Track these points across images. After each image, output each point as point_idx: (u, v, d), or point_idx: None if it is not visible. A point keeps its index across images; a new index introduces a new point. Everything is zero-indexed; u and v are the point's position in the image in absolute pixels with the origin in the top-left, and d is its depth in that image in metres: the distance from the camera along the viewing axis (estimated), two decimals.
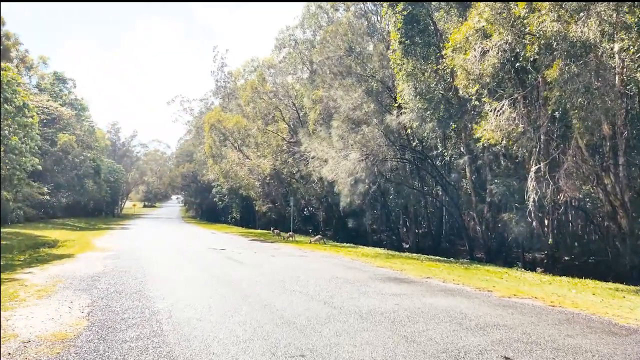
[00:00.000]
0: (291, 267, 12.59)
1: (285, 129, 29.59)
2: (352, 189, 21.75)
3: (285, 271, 11.66)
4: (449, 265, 15.38)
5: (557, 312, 7.48)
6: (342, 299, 7.99)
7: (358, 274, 11.49)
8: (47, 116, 39.83)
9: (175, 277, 10.53)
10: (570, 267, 18.72)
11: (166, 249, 18.11)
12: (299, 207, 36.81)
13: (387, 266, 13.67)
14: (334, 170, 19.89)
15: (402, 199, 24.84)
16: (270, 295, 8.27)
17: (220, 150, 30.71)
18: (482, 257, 21.47)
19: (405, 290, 9.11)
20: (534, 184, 12.89)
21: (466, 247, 25.99)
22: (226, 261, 13.95)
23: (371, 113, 19.59)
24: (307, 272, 11.63)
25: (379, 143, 19.07)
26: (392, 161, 19.43)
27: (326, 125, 24.47)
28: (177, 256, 15.48)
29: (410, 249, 25.79)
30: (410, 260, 16.68)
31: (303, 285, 9.46)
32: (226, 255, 15.68)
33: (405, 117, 17.53)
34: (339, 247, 21.67)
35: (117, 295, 7.99)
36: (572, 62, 10.29)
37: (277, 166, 29.64)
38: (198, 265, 12.67)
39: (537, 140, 12.60)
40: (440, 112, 17.26)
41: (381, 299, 8.09)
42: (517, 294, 9.10)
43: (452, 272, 12.99)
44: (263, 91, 27.86)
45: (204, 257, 15.05)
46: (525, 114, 12.70)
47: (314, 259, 15.16)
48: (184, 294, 8.23)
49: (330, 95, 21.72)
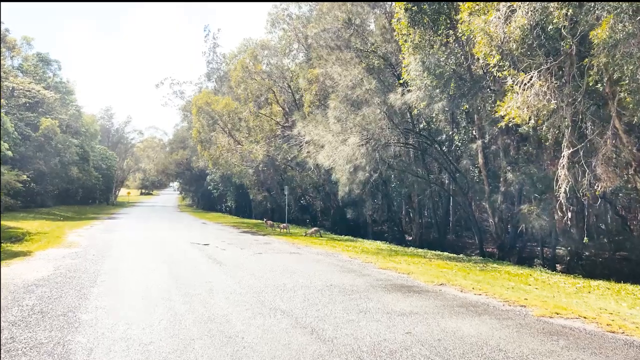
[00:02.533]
0: (279, 270, 10.64)
1: (280, 112, 27.39)
2: (351, 177, 19.74)
3: (270, 276, 9.72)
4: (461, 265, 13.45)
5: (624, 344, 5.55)
6: (336, 323, 6.05)
7: (357, 280, 9.55)
8: (29, 99, 37.60)
9: (131, 287, 8.58)
10: (594, 265, 16.84)
11: (142, 245, 16.18)
12: (295, 196, 34.84)
13: (391, 267, 11.74)
14: (331, 156, 17.84)
15: (406, 188, 22.85)
16: (242, 317, 6.32)
17: (209, 135, 28.54)
18: (493, 252, 19.57)
19: (416, 307, 7.17)
20: (566, 171, 10.87)
21: (474, 240, 24.09)
22: (204, 262, 12.00)
23: (372, 91, 17.41)
24: (296, 277, 9.69)
25: (381, 126, 16.97)
26: (395, 146, 17.37)
27: (322, 107, 22.37)
28: (150, 254, 13.54)
29: (414, 242, 23.92)
30: (416, 258, 14.75)
31: (288, 299, 7.51)
32: (207, 253, 13.74)
33: (411, 96, 15.39)
34: (336, 241, 19.75)
35: (35, 320, 6.03)
36: (627, 19, 8.21)
37: (271, 152, 27.53)
38: (168, 269, 10.72)
39: (570, 119, 10.54)
40: (451, 90, 15.15)
41: (387, 323, 6.15)
42: (558, 312, 7.15)
43: (468, 275, 11.06)
44: (255, 71, 25.55)
45: (180, 256, 13.11)
46: (556, 87, 10.61)
47: (307, 258, 13.22)
48: (126, 318, 6.27)
49: (327, 73, 19.53)
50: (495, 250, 18.40)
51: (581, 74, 10.49)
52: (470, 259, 15.59)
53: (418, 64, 14.75)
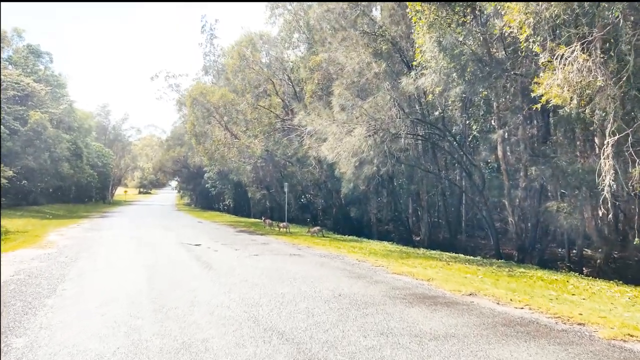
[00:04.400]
0: (277, 275, 9.11)
1: (279, 105, 25.77)
2: (357, 172, 18.22)
3: (266, 283, 8.18)
4: (484, 269, 11.90)
5: None
6: (352, 353, 4.52)
7: (370, 288, 8.00)
8: (17, 92, 36.01)
9: (96, 297, 7.04)
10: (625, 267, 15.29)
11: (125, 245, 14.64)
12: (296, 194, 33.26)
13: (406, 271, 10.20)
14: (335, 149, 16.27)
15: (414, 184, 21.28)
16: (226, 343, 4.78)
17: (205, 128, 26.93)
18: (510, 254, 18.03)
19: (451, 326, 5.63)
20: (611, 161, 9.33)
21: (487, 241, 22.54)
22: (191, 265, 10.46)
23: (382, 76, 15.85)
24: (298, 284, 8.15)
25: (390, 115, 15.42)
26: (405, 138, 15.81)
27: (326, 97, 20.78)
28: (131, 256, 11.99)
29: (422, 242, 22.36)
30: (431, 260, 13.21)
31: (288, 315, 5.97)
32: (196, 255, 12.20)
33: (425, 80, 13.81)
34: (340, 242, 18.21)
35: None
36: None
37: (270, 147, 25.94)
38: (147, 274, 9.19)
39: (619, 99, 9.00)
40: (468, 74, 13.59)
41: (420, 353, 4.62)
42: (631, 333, 5.61)
43: (498, 282, 9.52)
44: (253, 60, 23.97)
45: (164, 259, 11.57)
46: (602, 63, 9.07)
47: (309, 261, 11.68)
48: (72, 345, 4.73)
49: (331, 59, 17.98)
50: (514, 252, 16.84)
51: (633, 46, 8.94)
52: (492, 262, 14.03)
53: (433, 44, 13.17)
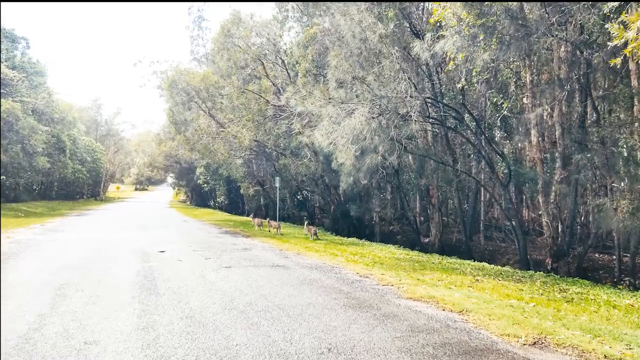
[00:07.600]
0: (240, 305, 6.23)
1: (271, 89, 22.80)
2: (357, 164, 15.31)
3: (221, 321, 5.30)
4: (527, 287, 9.02)
5: None
6: None
7: (381, 333, 5.12)
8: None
9: None
10: None
11: (66, 252, 11.76)
12: (291, 190, 30.35)
13: (425, 296, 7.33)
14: (331, 134, 13.36)
15: (424, 178, 18.38)
16: None
17: (184, 114, 24.00)
18: (541, 261, 15.16)
19: None
20: None
21: (508, 244, 19.64)
22: (128, 287, 7.57)
23: (389, 41, 12.90)
24: (268, 325, 5.26)
25: (399, 91, 12.53)
26: (417, 121, 12.88)
27: (323, 79, 17.89)
28: (57, 269, 9.09)
29: (432, 245, 19.47)
30: (454, 274, 10.33)
31: None
32: (148, 268, 9.32)
33: (445, 44, 10.88)
34: (337, 246, 15.35)
35: None
36: None
37: (260, 137, 23.02)
38: (49, 302, 6.33)
39: None
40: (501, 34, 10.66)
41: None
42: None
43: (560, 313, 6.65)
44: (240, 36, 20.98)
45: (100, 273, 8.69)
46: None
47: (296, 277, 8.79)
48: None
49: (326, 29, 15.10)
50: (547, 259, 13.94)
51: None
52: (530, 275, 11.13)
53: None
